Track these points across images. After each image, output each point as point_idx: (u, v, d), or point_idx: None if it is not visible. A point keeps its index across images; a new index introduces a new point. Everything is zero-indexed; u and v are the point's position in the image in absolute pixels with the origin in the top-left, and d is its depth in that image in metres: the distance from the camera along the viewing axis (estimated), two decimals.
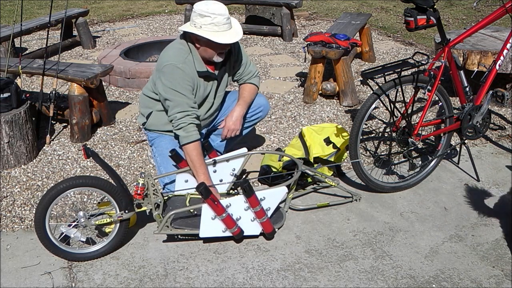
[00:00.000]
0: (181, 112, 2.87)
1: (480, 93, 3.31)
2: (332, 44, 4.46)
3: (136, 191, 2.71)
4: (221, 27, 2.81)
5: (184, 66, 2.89)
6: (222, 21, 2.81)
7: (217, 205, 2.61)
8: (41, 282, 2.56)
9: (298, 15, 7.73)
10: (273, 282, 2.53)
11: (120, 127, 4.26)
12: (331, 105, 4.57)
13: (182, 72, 2.87)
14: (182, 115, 2.87)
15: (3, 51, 5.32)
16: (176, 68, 2.87)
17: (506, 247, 2.76)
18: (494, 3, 7.92)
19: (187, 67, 2.89)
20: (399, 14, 7.93)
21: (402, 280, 2.53)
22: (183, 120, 2.86)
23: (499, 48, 4.14)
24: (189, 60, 2.93)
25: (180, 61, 2.89)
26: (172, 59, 2.90)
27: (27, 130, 3.64)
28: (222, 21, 2.81)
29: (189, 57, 2.93)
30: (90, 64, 4.27)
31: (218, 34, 2.81)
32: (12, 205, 3.22)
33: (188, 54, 2.93)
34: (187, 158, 2.90)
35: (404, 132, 3.11)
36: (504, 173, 3.46)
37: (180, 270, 2.63)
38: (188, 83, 2.90)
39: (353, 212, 3.08)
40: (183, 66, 2.88)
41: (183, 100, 2.87)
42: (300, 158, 3.21)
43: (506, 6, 3.18)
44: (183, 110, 2.87)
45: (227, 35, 2.83)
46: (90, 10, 7.86)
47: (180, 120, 2.87)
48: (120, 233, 2.71)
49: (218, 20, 2.79)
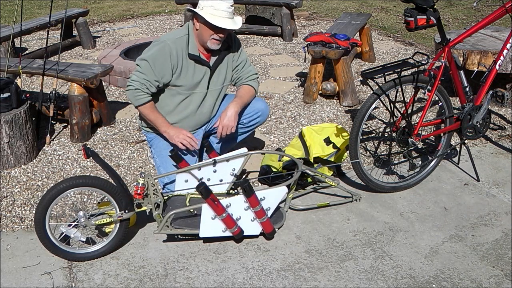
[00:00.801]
0: (137, 77, 2.95)
1: (480, 93, 3.31)
2: (332, 44, 4.46)
3: (136, 191, 2.71)
4: (220, 12, 2.89)
5: (172, 43, 2.96)
6: (223, 7, 2.89)
7: (217, 205, 2.61)
8: (41, 282, 2.56)
9: (298, 15, 7.73)
10: (273, 282, 2.53)
11: (120, 127, 4.26)
12: (331, 105, 4.57)
13: (164, 47, 2.95)
14: (136, 79, 2.96)
15: (3, 51, 5.32)
16: (161, 42, 2.97)
17: (506, 247, 2.76)
18: (494, 3, 7.92)
19: (175, 45, 2.96)
20: (399, 14, 7.93)
21: (402, 280, 2.53)
22: (133, 84, 2.96)
23: (499, 48, 4.14)
24: (183, 39, 3.00)
25: (171, 38, 2.99)
26: (165, 37, 3.02)
27: (27, 130, 3.64)
28: (222, 7, 2.89)
29: (184, 37, 3.01)
30: (90, 64, 4.27)
31: (215, 17, 2.88)
32: (12, 205, 3.22)
33: (184, 35, 3.02)
34: (143, 118, 3.14)
35: (404, 132, 3.11)
36: (504, 173, 3.46)
37: (180, 270, 2.63)
38: (163, 58, 2.95)
39: (353, 212, 3.08)
40: (171, 43, 2.96)
41: (147, 67, 2.94)
42: (300, 158, 3.21)
43: (506, 6, 3.18)
44: (140, 76, 2.95)
45: (223, 21, 2.90)
46: (90, 10, 7.86)
47: (132, 82, 2.97)
48: (120, 233, 2.71)
49: (219, 5, 2.88)
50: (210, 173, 3.02)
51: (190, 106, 3.13)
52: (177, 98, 3.09)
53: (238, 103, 3.14)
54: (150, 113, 3.04)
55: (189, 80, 3.06)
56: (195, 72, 3.06)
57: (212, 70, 3.11)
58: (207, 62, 3.07)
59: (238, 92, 3.22)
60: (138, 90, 2.96)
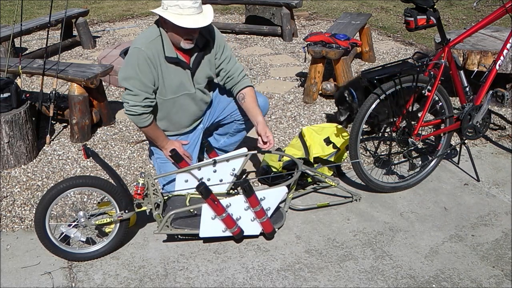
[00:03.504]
0: (135, 102, 2.82)
1: (480, 93, 3.31)
2: (332, 44, 4.46)
3: (136, 191, 2.71)
4: (186, 10, 2.66)
5: (146, 49, 2.76)
6: (188, 3, 2.66)
7: (217, 205, 2.61)
8: (41, 282, 2.56)
9: (298, 15, 7.73)
10: (273, 282, 2.53)
11: (120, 127, 4.26)
12: (331, 105, 4.56)
13: (140, 54, 2.76)
14: (135, 104, 2.83)
15: (3, 51, 5.31)
16: (136, 49, 2.77)
17: (506, 247, 2.76)
18: (494, 3, 7.92)
19: (149, 51, 2.77)
20: (399, 14, 7.93)
21: (402, 280, 2.53)
22: (135, 110, 2.84)
23: (499, 48, 4.13)
24: (156, 42, 2.80)
25: (144, 43, 2.78)
26: (137, 42, 2.81)
27: (27, 130, 3.64)
28: (187, 3, 2.66)
29: (157, 40, 2.80)
30: (90, 64, 4.27)
31: (181, 17, 2.66)
32: (12, 205, 3.22)
33: (156, 37, 2.81)
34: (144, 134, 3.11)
35: (404, 132, 3.11)
36: (504, 173, 3.46)
37: (180, 270, 2.63)
38: (145, 66, 2.77)
39: (353, 212, 3.08)
40: (145, 48, 2.76)
41: (135, 84, 2.79)
42: (300, 158, 3.21)
43: (506, 6, 3.18)
44: (137, 100, 2.82)
45: (190, 19, 2.67)
46: (90, 10, 7.85)
47: (132, 108, 2.84)
48: (120, 233, 2.71)
49: (184, 3, 2.65)
50: (210, 173, 3.02)
51: (182, 108, 3.03)
52: (166, 104, 2.98)
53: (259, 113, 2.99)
54: (152, 132, 2.98)
55: (172, 85, 2.91)
56: (176, 75, 2.90)
57: (192, 70, 2.94)
58: (186, 64, 2.90)
59: (247, 103, 3.01)
60: (143, 114, 2.86)
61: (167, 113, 3.03)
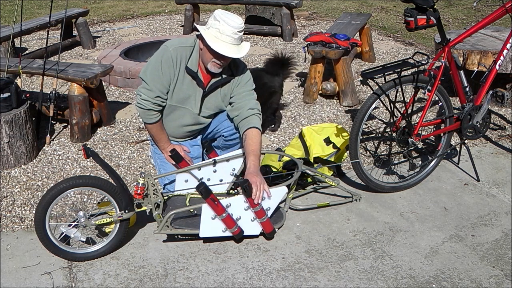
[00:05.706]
0: (147, 96, 2.87)
1: (480, 93, 3.31)
2: (332, 44, 4.46)
3: (136, 191, 2.71)
4: (224, 36, 2.71)
5: (173, 50, 2.84)
6: (228, 32, 2.70)
7: (217, 205, 2.61)
8: (41, 282, 2.56)
9: (298, 15, 7.73)
10: (273, 282, 2.53)
11: (120, 127, 4.26)
12: (331, 105, 4.56)
13: (166, 52, 2.84)
14: (146, 98, 2.87)
15: (3, 51, 5.32)
16: (165, 47, 2.87)
17: (506, 247, 2.76)
18: (494, 3, 7.92)
19: (175, 53, 2.84)
20: (399, 14, 7.93)
21: (402, 280, 2.53)
22: (145, 104, 2.88)
23: (499, 48, 4.13)
24: (186, 50, 2.87)
25: (174, 45, 2.86)
26: (170, 42, 2.90)
27: (27, 130, 3.64)
28: (227, 31, 2.70)
29: (188, 49, 2.87)
30: (90, 64, 4.27)
31: (217, 40, 2.72)
32: (12, 205, 3.22)
33: (189, 46, 2.88)
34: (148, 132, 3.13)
35: (404, 132, 3.11)
36: (504, 173, 3.46)
37: (180, 270, 2.63)
38: (166, 65, 2.83)
39: (353, 212, 3.08)
40: (172, 50, 2.84)
41: (153, 79, 2.85)
42: (300, 158, 3.21)
43: (506, 6, 3.18)
44: (150, 95, 2.86)
45: (223, 45, 2.72)
46: (90, 10, 7.85)
47: (143, 102, 2.88)
48: (120, 233, 2.71)
49: (224, 29, 2.70)
50: (210, 173, 3.02)
51: (178, 119, 3.03)
52: (167, 108, 2.98)
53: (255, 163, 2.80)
54: (156, 132, 3.01)
55: (180, 94, 2.93)
56: (188, 88, 2.93)
57: (205, 94, 2.96)
58: (202, 83, 2.92)
59: (245, 146, 2.86)
60: (151, 110, 2.90)
61: (164, 116, 3.03)
